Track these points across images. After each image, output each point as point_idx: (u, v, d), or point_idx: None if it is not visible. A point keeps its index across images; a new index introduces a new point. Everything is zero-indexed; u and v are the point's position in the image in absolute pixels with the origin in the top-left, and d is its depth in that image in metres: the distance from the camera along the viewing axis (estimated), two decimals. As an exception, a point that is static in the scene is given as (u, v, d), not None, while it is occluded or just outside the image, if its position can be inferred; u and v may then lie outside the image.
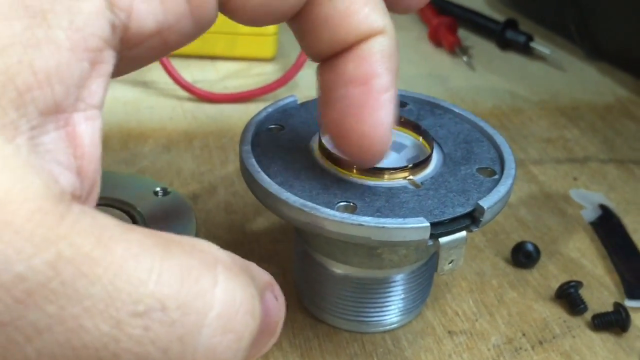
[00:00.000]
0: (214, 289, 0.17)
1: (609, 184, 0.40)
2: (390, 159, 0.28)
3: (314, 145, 0.27)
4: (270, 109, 0.29)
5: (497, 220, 0.36)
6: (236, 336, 0.17)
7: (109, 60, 0.18)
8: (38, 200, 0.15)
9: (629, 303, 0.31)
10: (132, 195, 0.33)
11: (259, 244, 0.33)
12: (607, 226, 0.36)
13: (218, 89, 0.46)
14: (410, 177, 0.26)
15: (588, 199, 0.38)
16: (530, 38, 0.56)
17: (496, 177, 0.27)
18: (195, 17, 0.21)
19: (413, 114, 0.31)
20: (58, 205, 0.15)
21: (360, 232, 0.23)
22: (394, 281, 0.27)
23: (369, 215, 0.23)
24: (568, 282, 0.31)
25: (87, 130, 0.18)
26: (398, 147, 0.29)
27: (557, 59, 0.55)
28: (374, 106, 0.23)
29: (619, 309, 0.29)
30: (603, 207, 0.37)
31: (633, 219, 0.37)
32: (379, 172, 0.25)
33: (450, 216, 0.24)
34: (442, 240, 0.24)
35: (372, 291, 0.28)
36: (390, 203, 0.24)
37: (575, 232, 0.36)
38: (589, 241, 0.35)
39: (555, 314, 0.30)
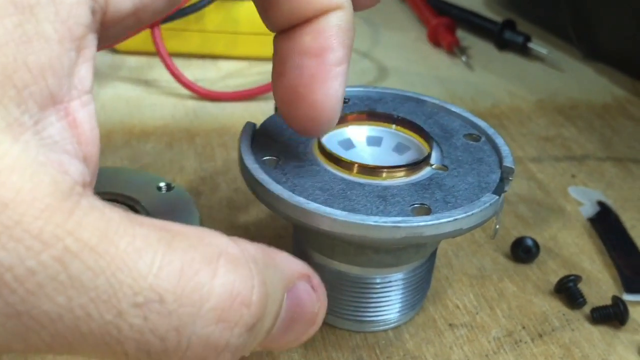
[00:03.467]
0: (212, 281, 0.17)
1: (606, 182, 0.40)
2: (375, 153, 0.28)
3: (324, 164, 0.26)
4: (245, 141, 0.27)
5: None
6: (229, 325, 0.18)
7: (92, 44, 0.19)
8: (46, 198, 0.16)
9: (627, 297, 0.31)
10: (136, 190, 0.33)
11: (261, 239, 0.33)
12: (605, 222, 0.36)
13: (219, 87, 0.47)
14: (432, 164, 0.27)
15: (586, 195, 0.38)
16: (527, 38, 0.56)
17: (482, 139, 0.28)
18: None
19: (360, 106, 0.31)
20: (66, 201, 0.16)
21: (454, 226, 0.24)
22: (395, 280, 0.28)
23: (445, 210, 0.24)
24: (567, 277, 0.31)
25: (85, 115, 0.18)
26: (375, 142, 0.29)
27: (555, 59, 0.56)
28: (325, 77, 0.24)
29: (618, 302, 0.30)
30: (601, 204, 0.37)
31: (630, 215, 0.37)
32: (401, 168, 0.26)
33: (495, 184, 0.26)
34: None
35: (372, 291, 0.28)
36: (446, 192, 0.25)
37: (574, 228, 0.36)
38: (587, 237, 0.35)
39: (555, 307, 0.31)
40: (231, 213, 0.35)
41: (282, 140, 0.27)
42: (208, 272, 0.18)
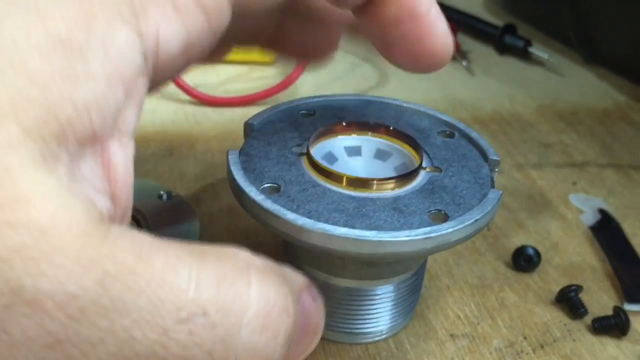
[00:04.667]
0: (248, 290, 0.18)
1: (607, 189, 0.40)
2: (360, 164, 0.28)
3: (326, 183, 0.25)
4: (238, 172, 0.25)
5: (497, 224, 0.36)
6: (273, 333, 0.18)
7: (142, 88, 0.19)
8: (81, 224, 0.16)
9: (628, 307, 0.31)
10: (136, 198, 0.33)
11: (261, 246, 0.34)
12: (606, 230, 0.36)
13: (219, 92, 0.47)
14: (425, 167, 0.27)
15: (587, 203, 0.38)
16: (528, 43, 0.56)
17: (455, 134, 0.29)
18: (213, 28, 0.21)
19: (328, 117, 0.30)
20: (99, 226, 0.16)
21: (476, 226, 0.24)
22: (385, 292, 0.27)
23: (458, 212, 0.24)
24: (568, 287, 0.31)
25: (121, 157, 0.19)
26: (355, 152, 0.28)
27: (556, 64, 0.55)
28: (430, 27, 0.24)
29: (619, 312, 0.30)
30: (602, 212, 0.37)
31: (632, 223, 0.37)
32: (384, 180, 0.25)
33: (489, 178, 0.26)
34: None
35: (361, 303, 0.27)
36: (452, 194, 0.25)
37: (575, 236, 0.36)
38: (588, 245, 0.35)
39: (556, 317, 0.31)
40: (231, 221, 0.35)
41: (269, 165, 0.26)
42: (243, 282, 0.18)
